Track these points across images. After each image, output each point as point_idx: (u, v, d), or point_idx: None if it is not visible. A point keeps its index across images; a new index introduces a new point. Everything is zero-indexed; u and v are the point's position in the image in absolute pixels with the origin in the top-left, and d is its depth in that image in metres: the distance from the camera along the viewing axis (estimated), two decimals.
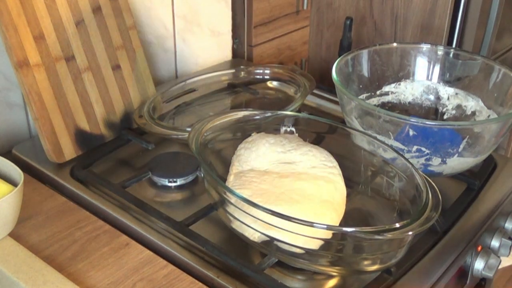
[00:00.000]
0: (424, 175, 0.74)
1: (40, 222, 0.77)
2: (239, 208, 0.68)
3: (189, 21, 1.20)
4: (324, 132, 0.85)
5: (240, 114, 0.84)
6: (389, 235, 0.64)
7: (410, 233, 0.65)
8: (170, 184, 0.86)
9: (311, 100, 1.13)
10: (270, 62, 1.31)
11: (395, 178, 0.78)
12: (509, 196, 0.91)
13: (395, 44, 1.09)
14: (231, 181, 0.75)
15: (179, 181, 0.87)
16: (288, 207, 0.68)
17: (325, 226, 0.66)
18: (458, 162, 0.85)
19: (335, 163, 0.79)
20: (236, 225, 0.71)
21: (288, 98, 1.05)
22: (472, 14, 1.23)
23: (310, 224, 0.65)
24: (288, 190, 0.72)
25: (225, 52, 1.32)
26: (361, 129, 0.88)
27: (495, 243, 0.88)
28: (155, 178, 0.87)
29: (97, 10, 0.95)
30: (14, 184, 0.73)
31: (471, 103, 0.98)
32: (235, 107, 1.11)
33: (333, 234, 0.67)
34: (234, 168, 0.78)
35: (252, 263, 0.72)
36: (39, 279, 0.66)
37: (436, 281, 0.75)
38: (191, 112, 1.07)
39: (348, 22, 1.25)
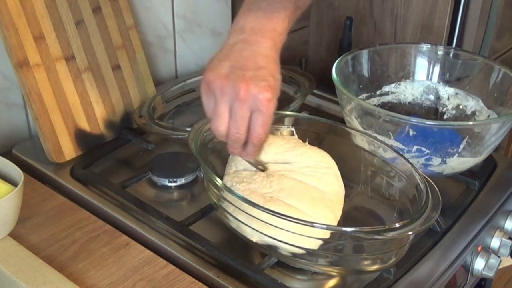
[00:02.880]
0: (424, 175, 0.74)
1: (40, 222, 0.77)
2: (238, 208, 0.68)
3: (189, 21, 1.20)
4: (324, 132, 0.85)
5: None
6: (389, 235, 0.64)
7: (410, 233, 0.65)
8: (170, 184, 0.87)
9: (311, 100, 1.13)
10: None
11: (395, 178, 0.78)
12: (509, 196, 0.91)
13: (395, 44, 1.09)
14: (224, 181, 0.75)
15: (179, 181, 0.87)
16: (277, 206, 0.68)
17: (325, 226, 0.66)
18: (458, 162, 0.85)
19: (332, 164, 0.78)
20: (235, 225, 0.71)
21: (288, 98, 1.05)
22: (472, 14, 1.23)
23: (310, 224, 0.65)
24: (277, 190, 0.72)
25: None
26: (361, 129, 0.88)
27: (495, 243, 0.88)
28: (155, 178, 0.87)
29: (97, 10, 0.95)
30: (14, 184, 0.73)
31: (471, 103, 0.98)
32: None
33: (332, 234, 0.67)
34: (230, 168, 0.78)
35: (252, 263, 0.72)
36: (39, 279, 0.66)
37: (436, 281, 0.75)
38: (191, 112, 1.07)
39: (348, 22, 1.25)
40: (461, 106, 1.00)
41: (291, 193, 0.71)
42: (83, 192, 0.84)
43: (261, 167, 0.76)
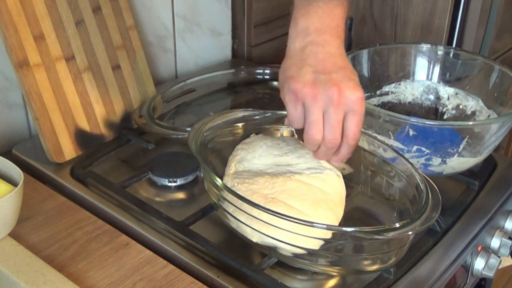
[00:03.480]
0: (424, 175, 0.74)
1: (40, 222, 0.77)
2: (238, 208, 0.68)
3: (189, 21, 1.20)
4: None
5: (240, 114, 0.84)
6: (389, 235, 0.64)
7: (410, 233, 0.65)
8: (170, 184, 0.86)
9: None
10: (270, 62, 1.30)
11: (395, 178, 0.78)
12: (509, 196, 0.91)
13: (395, 44, 1.09)
14: (224, 181, 0.75)
15: (179, 181, 0.87)
16: (278, 208, 0.68)
17: (325, 226, 0.66)
18: (458, 162, 0.85)
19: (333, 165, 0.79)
20: (235, 226, 0.71)
21: None
22: (472, 14, 1.23)
23: (310, 224, 0.65)
24: (279, 191, 0.72)
25: (225, 52, 1.32)
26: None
27: (495, 243, 0.88)
28: (155, 178, 0.87)
29: (97, 10, 0.95)
30: (14, 184, 0.73)
31: (471, 103, 0.98)
32: (235, 107, 1.11)
33: (333, 234, 0.67)
34: (229, 169, 0.78)
35: (252, 263, 0.72)
36: (39, 279, 0.66)
37: (436, 281, 0.75)
38: (191, 112, 1.07)
39: (348, 22, 1.25)
40: (461, 106, 1.00)
41: (293, 195, 0.71)
42: (83, 192, 0.84)
43: (344, 168, 0.76)
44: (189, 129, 0.80)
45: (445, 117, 1.00)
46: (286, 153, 0.79)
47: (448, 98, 1.01)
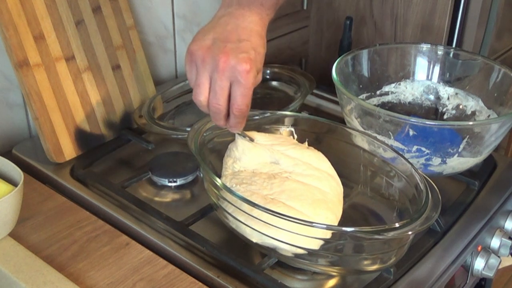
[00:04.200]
0: (424, 175, 0.74)
1: (40, 222, 0.77)
2: (238, 208, 0.68)
3: (189, 21, 1.20)
4: (324, 132, 0.85)
5: None
6: (389, 235, 0.64)
7: (410, 233, 0.65)
8: (170, 184, 0.87)
9: (311, 100, 1.13)
10: (269, 62, 1.30)
11: (395, 178, 0.78)
12: (509, 196, 0.91)
13: (395, 44, 1.09)
14: (222, 182, 0.75)
15: (179, 181, 0.87)
16: (277, 208, 0.68)
17: (325, 226, 0.66)
18: (458, 162, 0.85)
19: (326, 163, 0.78)
20: (234, 226, 0.71)
21: (288, 98, 1.05)
22: (472, 14, 1.23)
23: (310, 224, 0.65)
24: (277, 191, 0.72)
25: None
26: (361, 129, 0.88)
27: (495, 243, 0.88)
28: (155, 178, 0.87)
29: (97, 10, 0.95)
30: (14, 184, 0.73)
31: (471, 103, 0.98)
32: None
33: (332, 233, 0.68)
34: (226, 170, 0.78)
35: (252, 263, 0.72)
36: (39, 279, 0.66)
37: (436, 281, 0.75)
38: (191, 112, 1.07)
39: (348, 22, 1.25)
40: (461, 106, 1.00)
41: (292, 195, 0.71)
42: (83, 192, 0.84)
43: (249, 138, 0.78)
44: (189, 129, 0.80)
45: (445, 117, 1.00)
46: (276, 149, 0.79)
47: (448, 98, 1.01)
